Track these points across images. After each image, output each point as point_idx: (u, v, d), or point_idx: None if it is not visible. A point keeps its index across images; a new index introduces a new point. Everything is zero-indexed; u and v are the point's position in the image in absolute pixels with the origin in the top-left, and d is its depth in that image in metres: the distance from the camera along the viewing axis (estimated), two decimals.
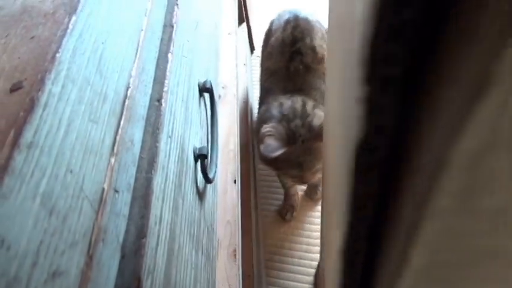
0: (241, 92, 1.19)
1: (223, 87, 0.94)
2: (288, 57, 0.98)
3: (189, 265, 0.35)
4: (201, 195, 0.43)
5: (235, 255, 0.68)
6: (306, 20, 1.03)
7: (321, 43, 0.99)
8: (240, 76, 1.04)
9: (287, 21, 1.05)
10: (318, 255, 1.14)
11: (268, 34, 1.15)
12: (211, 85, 0.48)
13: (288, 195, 1.18)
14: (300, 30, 1.01)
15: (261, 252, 1.05)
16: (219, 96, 0.92)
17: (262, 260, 1.06)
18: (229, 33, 1.05)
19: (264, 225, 1.20)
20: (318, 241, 1.14)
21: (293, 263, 1.13)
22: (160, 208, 0.29)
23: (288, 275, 1.11)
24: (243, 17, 1.42)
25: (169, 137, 0.35)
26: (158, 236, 0.29)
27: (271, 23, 1.15)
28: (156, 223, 0.29)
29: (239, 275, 0.68)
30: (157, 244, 0.28)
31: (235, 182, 0.77)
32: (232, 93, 0.92)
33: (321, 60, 0.97)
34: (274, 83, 1.00)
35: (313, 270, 1.12)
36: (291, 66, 0.97)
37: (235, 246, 0.69)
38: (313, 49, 0.98)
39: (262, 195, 1.26)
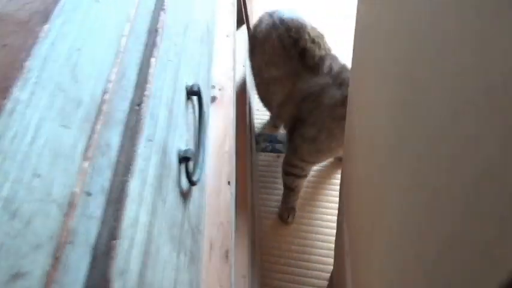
0: (240, 93, 1.20)
1: (220, 89, 0.95)
2: (298, 58, 1.04)
3: (169, 266, 0.36)
4: (185, 197, 0.43)
5: (227, 256, 0.68)
6: (293, 19, 1.08)
7: (314, 33, 1.07)
8: (237, 77, 1.05)
9: (275, 26, 1.07)
10: (319, 258, 1.14)
11: (254, 42, 1.16)
12: (199, 88, 0.49)
13: (289, 197, 1.19)
14: (294, 30, 1.04)
15: (257, 253, 1.06)
16: (215, 98, 0.93)
17: (258, 261, 1.07)
18: (227, 36, 1.06)
19: (263, 227, 1.21)
20: (320, 243, 1.14)
21: (297, 265, 1.14)
22: (136, 210, 0.30)
23: (292, 278, 1.12)
24: (242, 19, 1.43)
25: (150, 140, 0.35)
26: (133, 238, 0.29)
27: (255, 30, 1.16)
28: (130, 225, 0.29)
29: (232, 276, 0.68)
30: (131, 246, 0.29)
31: (229, 183, 0.77)
32: (228, 95, 0.93)
33: (320, 46, 1.05)
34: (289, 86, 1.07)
35: (317, 273, 1.12)
36: (305, 64, 1.03)
37: (228, 247, 0.70)
38: (313, 41, 1.05)
39: (262, 196, 1.26)
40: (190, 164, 0.43)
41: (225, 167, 0.80)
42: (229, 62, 1.01)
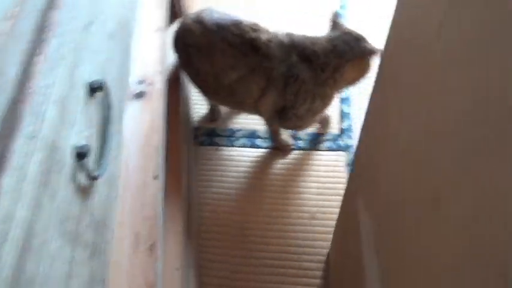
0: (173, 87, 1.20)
1: (149, 84, 0.95)
2: (251, 51, 1.06)
3: (59, 260, 0.37)
4: (85, 192, 0.44)
5: (152, 249, 0.69)
6: (225, 18, 1.11)
7: (249, 23, 1.10)
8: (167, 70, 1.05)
9: (213, 31, 1.09)
10: (262, 239, 1.17)
11: (189, 51, 1.13)
12: (102, 84, 0.49)
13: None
14: (234, 28, 1.08)
15: (193, 244, 1.08)
16: (143, 93, 0.93)
17: (194, 252, 1.08)
18: (156, 30, 1.05)
19: (204, 214, 1.23)
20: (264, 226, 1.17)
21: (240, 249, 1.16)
22: (9, 206, 0.31)
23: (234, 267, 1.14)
24: (176, 13, 1.42)
25: (33, 137, 0.36)
26: (6, 232, 0.30)
27: (185, 40, 1.14)
28: (3, 221, 0.30)
29: (159, 268, 0.69)
30: (4, 240, 0.30)
31: (156, 178, 0.78)
32: (158, 90, 0.93)
33: (262, 30, 1.09)
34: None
35: (258, 255, 1.15)
36: (261, 53, 1.06)
37: (155, 240, 0.71)
38: (254, 30, 1.08)
39: (202, 189, 1.28)
40: (90, 159, 0.44)
41: (151, 161, 0.81)
42: (158, 57, 1.01)
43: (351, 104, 1.41)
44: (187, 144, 1.21)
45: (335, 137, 1.34)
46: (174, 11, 1.41)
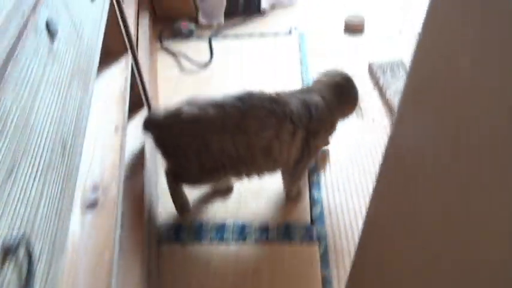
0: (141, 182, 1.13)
1: (103, 190, 0.88)
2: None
3: None
4: None
5: None
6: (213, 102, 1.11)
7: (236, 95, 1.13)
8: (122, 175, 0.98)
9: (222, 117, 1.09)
10: None
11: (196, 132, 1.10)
12: (19, 244, 0.42)
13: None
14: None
15: None
16: (96, 203, 0.86)
17: None
18: (115, 129, 1.01)
19: None
20: None
21: None
22: None
23: None
24: (141, 101, 1.40)
25: None
26: None
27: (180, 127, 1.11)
28: None
29: None
30: None
31: None
32: (112, 197, 0.86)
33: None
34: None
35: None
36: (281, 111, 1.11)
37: None
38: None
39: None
40: None
41: (104, 277, 0.72)
42: (115, 159, 0.95)
43: (321, 190, 1.38)
44: (151, 244, 1.12)
45: (306, 227, 1.28)
46: (139, 100, 1.38)
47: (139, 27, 1.92)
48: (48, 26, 0.57)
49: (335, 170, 1.44)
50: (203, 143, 1.09)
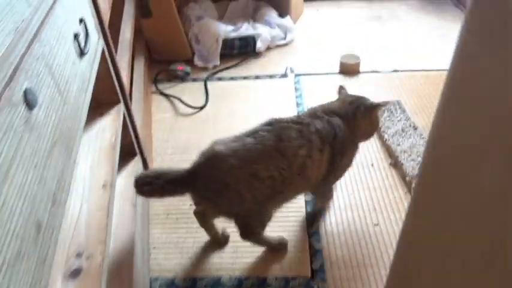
0: (125, 245, 1.07)
1: (87, 257, 0.82)
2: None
3: None
4: None
5: None
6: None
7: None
8: (113, 235, 0.93)
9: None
10: None
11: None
12: None
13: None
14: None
15: None
16: (79, 271, 0.80)
17: None
18: (103, 185, 0.97)
19: None
20: None
21: None
22: None
23: None
24: (133, 150, 1.36)
25: None
26: None
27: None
28: None
29: None
30: None
31: None
32: (97, 265, 0.80)
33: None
34: None
35: None
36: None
37: None
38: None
39: None
40: None
41: None
42: (102, 220, 0.90)
43: (321, 239, 1.32)
44: None
45: (306, 282, 1.21)
46: (132, 149, 1.35)
47: (134, 72, 1.92)
48: (26, 97, 0.54)
49: (335, 218, 1.38)
50: (251, 173, 1.05)
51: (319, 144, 1.13)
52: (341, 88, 1.37)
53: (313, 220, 1.37)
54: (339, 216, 1.39)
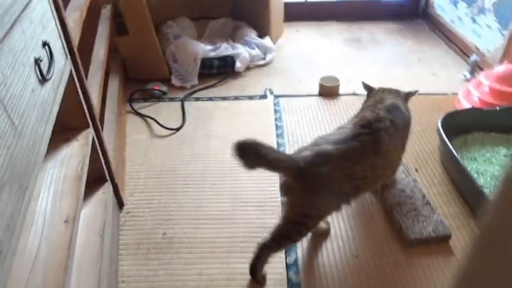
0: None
1: None
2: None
3: None
4: None
5: None
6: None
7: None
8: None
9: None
10: None
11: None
12: None
13: None
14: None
15: None
16: None
17: None
18: (66, 221, 0.89)
19: None
20: None
21: None
22: None
23: None
24: (103, 176, 1.29)
25: None
26: None
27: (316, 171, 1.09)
28: None
29: None
30: None
31: None
32: None
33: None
34: None
35: None
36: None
37: None
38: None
39: None
40: None
41: None
42: (63, 258, 0.83)
43: (299, 272, 1.26)
44: None
45: None
46: (102, 175, 1.27)
47: (108, 91, 1.85)
48: None
49: (314, 248, 1.34)
50: (346, 173, 1.12)
51: (398, 133, 1.25)
52: (364, 84, 1.50)
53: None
54: (318, 246, 1.34)
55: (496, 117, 1.73)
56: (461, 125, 1.72)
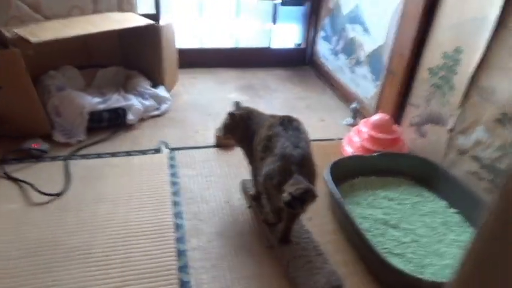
0: None
1: None
2: None
3: None
4: None
5: None
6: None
7: None
8: None
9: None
10: None
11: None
12: None
13: None
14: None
15: None
16: None
17: None
18: None
19: None
20: None
21: None
22: None
23: None
24: None
25: None
26: None
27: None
28: None
29: None
30: None
31: None
32: None
33: None
34: None
35: None
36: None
37: None
38: None
39: None
40: None
41: None
42: None
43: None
44: None
45: None
46: None
47: None
48: None
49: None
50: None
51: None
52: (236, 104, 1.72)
53: None
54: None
55: (375, 162, 1.91)
56: (347, 171, 1.85)
